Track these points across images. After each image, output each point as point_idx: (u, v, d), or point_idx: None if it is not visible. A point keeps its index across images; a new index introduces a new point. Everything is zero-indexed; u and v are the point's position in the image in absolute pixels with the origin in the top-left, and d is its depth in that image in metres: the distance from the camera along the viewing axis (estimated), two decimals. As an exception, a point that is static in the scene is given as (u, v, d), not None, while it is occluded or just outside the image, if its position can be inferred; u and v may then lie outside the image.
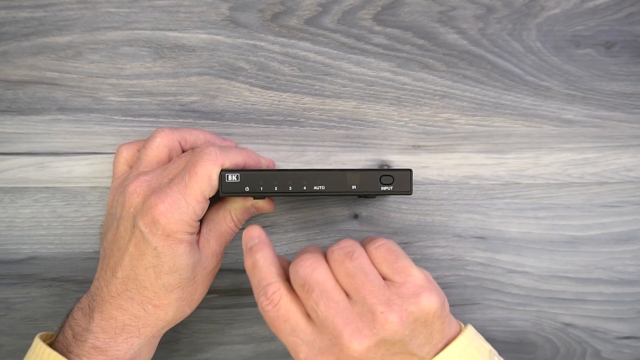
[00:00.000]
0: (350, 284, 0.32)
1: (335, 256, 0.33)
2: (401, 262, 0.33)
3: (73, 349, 0.33)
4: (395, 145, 0.43)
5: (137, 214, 0.33)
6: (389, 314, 0.31)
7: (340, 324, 0.31)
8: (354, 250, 0.33)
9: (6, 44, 0.40)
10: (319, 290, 0.32)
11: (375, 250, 0.33)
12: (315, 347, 0.32)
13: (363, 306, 0.31)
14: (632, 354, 0.45)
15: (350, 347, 0.31)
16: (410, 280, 0.32)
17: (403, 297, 0.32)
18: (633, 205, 0.45)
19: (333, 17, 0.42)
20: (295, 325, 0.32)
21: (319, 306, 0.31)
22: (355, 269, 0.32)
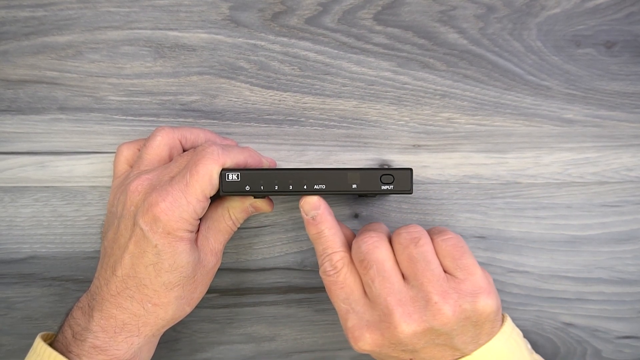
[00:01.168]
0: (410, 269, 0.33)
1: (401, 239, 0.34)
2: (466, 260, 0.34)
3: (73, 348, 0.33)
4: (396, 144, 0.43)
5: (137, 212, 0.33)
6: (443, 305, 0.32)
7: (392, 304, 0.32)
8: (421, 237, 0.34)
9: (6, 44, 0.40)
10: (377, 268, 0.33)
11: (442, 242, 0.34)
12: (364, 318, 0.34)
13: (419, 292, 0.33)
14: (633, 354, 0.45)
15: (398, 327, 0.32)
16: (472, 279, 0.33)
17: (460, 293, 0.33)
18: (633, 205, 0.45)
19: (333, 16, 0.42)
20: (350, 294, 0.34)
21: (374, 283, 0.33)
22: (418, 255, 0.33)
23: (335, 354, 0.44)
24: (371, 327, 0.34)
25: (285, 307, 0.43)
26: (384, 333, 0.33)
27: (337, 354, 0.44)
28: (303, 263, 0.43)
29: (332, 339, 0.44)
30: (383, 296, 0.33)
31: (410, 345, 0.33)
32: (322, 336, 0.44)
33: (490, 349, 0.34)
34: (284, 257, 0.43)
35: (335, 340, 0.44)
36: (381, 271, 0.33)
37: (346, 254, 0.35)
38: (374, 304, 0.33)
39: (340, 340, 0.44)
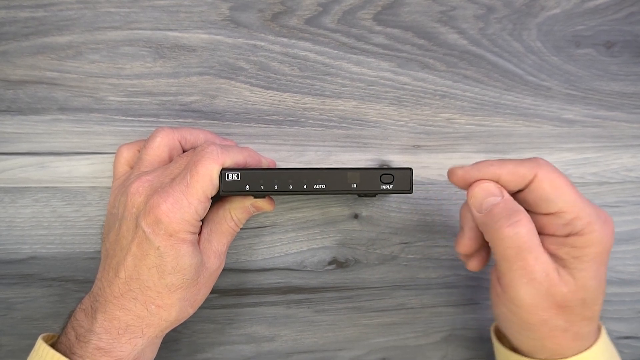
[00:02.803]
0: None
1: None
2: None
3: (76, 350, 0.33)
4: (396, 145, 0.43)
5: (139, 214, 0.33)
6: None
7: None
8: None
9: (6, 44, 0.40)
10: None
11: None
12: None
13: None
14: (632, 354, 0.46)
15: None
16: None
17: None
18: (633, 205, 0.45)
19: (333, 17, 0.42)
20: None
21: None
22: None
23: (335, 354, 0.44)
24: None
25: (285, 308, 0.43)
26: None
27: (337, 354, 0.44)
28: (303, 263, 0.43)
29: (332, 339, 0.44)
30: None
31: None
32: (322, 336, 0.44)
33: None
34: (284, 257, 0.43)
35: (335, 340, 0.44)
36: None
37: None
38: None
39: (340, 341, 0.44)
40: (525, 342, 0.35)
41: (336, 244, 0.43)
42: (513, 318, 0.34)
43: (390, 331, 0.44)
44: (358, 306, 0.44)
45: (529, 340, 0.34)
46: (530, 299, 0.32)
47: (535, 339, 0.34)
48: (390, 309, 0.44)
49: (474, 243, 0.36)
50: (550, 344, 0.34)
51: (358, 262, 0.44)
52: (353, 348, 0.44)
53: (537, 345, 0.34)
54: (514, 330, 0.35)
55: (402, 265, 0.44)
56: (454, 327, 0.45)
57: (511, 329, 0.35)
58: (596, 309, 0.33)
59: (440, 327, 0.45)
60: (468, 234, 0.36)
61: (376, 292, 0.44)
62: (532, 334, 0.34)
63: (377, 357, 0.44)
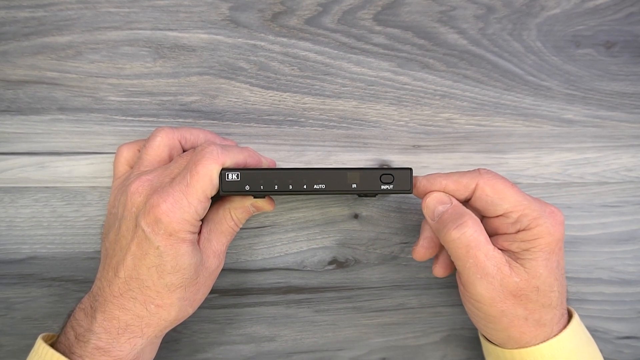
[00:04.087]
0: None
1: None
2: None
3: (75, 349, 0.33)
4: (396, 145, 0.43)
5: (139, 214, 0.33)
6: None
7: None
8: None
9: (6, 44, 0.40)
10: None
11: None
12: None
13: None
14: (632, 354, 0.45)
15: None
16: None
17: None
18: (633, 205, 0.45)
19: (333, 17, 0.42)
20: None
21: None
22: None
23: (335, 354, 0.44)
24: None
25: (285, 308, 0.43)
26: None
27: (337, 354, 0.44)
28: (303, 263, 0.43)
29: (332, 339, 0.44)
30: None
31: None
32: (322, 336, 0.44)
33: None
34: (284, 257, 0.43)
35: (335, 340, 0.44)
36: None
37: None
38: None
39: (340, 341, 0.44)
40: (493, 334, 0.37)
41: (336, 244, 0.43)
42: (477, 312, 0.36)
43: (390, 331, 0.44)
44: (358, 306, 0.44)
45: (495, 331, 0.36)
46: (487, 292, 0.34)
47: (500, 330, 0.36)
48: (390, 309, 0.44)
49: (427, 251, 0.39)
50: (514, 333, 0.35)
51: (358, 262, 0.44)
52: (353, 348, 0.44)
53: (504, 336, 0.36)
54: (482, 324, 0.37)
55: (402, 265, 0.44)
56: (453, 327, 0.45)
57: (479, 322, 0.37)
58: (552, 295, 0.35)
59: (440, 327, 0.45)
60: (422, 242, 0.39)
61: (376, 292, 0.44)
62: (496, 325, 0.35)
63: (377, 357, 0.44)
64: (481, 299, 0.35)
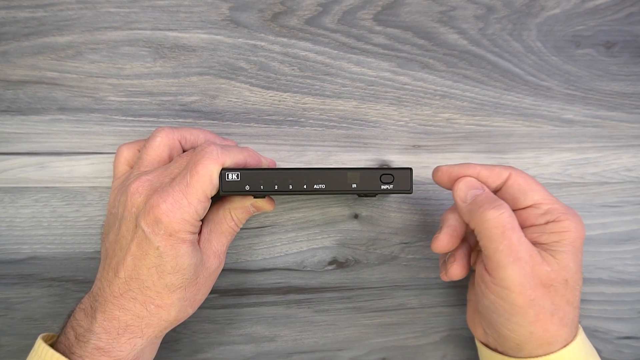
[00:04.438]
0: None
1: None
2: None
3: (75, 349, 0.33)
4: (396, 145, 0.43)
5: (139, 214, 0.33)
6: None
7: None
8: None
9: (6, 44, 0.40)
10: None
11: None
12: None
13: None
14: (632, 354, 0.45)
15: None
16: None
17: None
18: (633, 205, 0.45)
19: (333, 17, 0.42)
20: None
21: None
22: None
23: (335, 354, 0.44)
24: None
25: (285, 308, 0.43)
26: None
27: (337, 354, 0.44)
28: (303, 264, 0.43)
29: (332, 339, 0.44)
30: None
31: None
32: (322, 336, 0.44)
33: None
34: (284, 257, 0.43)
35: (335, 340, 0.44)
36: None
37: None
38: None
39: (340, 341, 0.44)
40: (514, 331, 0.35)
41: (336, 244, 0.43)
42: (502, 304, 0.34)
43: (390, 331, 0.44)
44: (358, 306, 0.44)
45: (518, 327, 0.34)
46: (518, 277, 0.33)
47: (523, 325, 0.34)
48: (390, 309, 0.44)
49: (450, 239, 0.37)
50: (538, 330, 0.34)
51: (358, 262, 0.44)
52: (353, 348, 0.44)
53: (526, 332, 0.34)
54: (504, 319, 0.35)
55: (402, 265, 0.44)
56: (453, 327, 0.45)
57: (500, 318, 0.35)
58: (577, 294, 0.35)
59: (440, 327, 0.45)
60: (445, 230, 0.38)
61: (376, 292, 0.44)
62: (520, 318, 0.34)
63: (377, 357, 0.44)
64: (511, 284, 0.33)
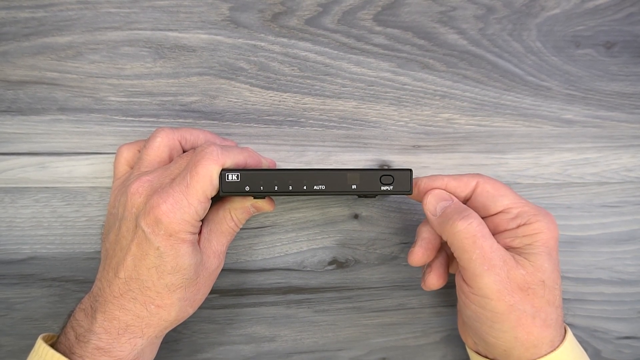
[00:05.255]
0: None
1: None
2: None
3: (76, 350, 0.33)
4: (396, 145, 0.43)
5: (139, 214, 0.33)
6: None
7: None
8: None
9: (6, 44, 0.40)
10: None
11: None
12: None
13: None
14: (632, 354, 0.46)
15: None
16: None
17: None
18: (633, 205, 0.45)
19: (333, 17, 0.42)
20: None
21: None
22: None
23: (335, 354, 0.44)
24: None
25: (285, 308, 0.43)
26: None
27: (337, 354, 0.44)
28: (303, 264, 0.43)
29: (332, 339, 0.44)
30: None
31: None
32: (322, 336, 0.44)
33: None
34: (284, 257, 0.43)
35: (335, 340, 0.44)
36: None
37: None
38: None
39: (340, 341, 0.44)
40: (498, 338, 0.35)
41: (336, 244, 0.43)
42: (483, 312, 0.35)
43: (390, 331, 0.44)
44: (358, 306, 0.44)
45: (501, 333, 0.35)
46: (495, 284, 0.34)
47: (506, 331, 0.34)
48: (390, 309, 0.44)
49: (425, 252, 0.38)
50: (521, 334, 0.34)
51: (358, 262, 0.44)
52: (353, 348, 0.44)
53: (510, 338, 0.35)
54: (486, 327, 0.35)
55: (402, 265, 0.44)
56: (453, 327, 0.45)
57: (483, 326, 0.35)
58: (557, 293, 0.35)
59: (440, 327, 0.45)
60: (419, 243, 0.38)
61: (376, 292, 0.44)
62: (502, 325, 0.34)
63: (377, 357, 0.44)
64: (488, 292, 0.34)
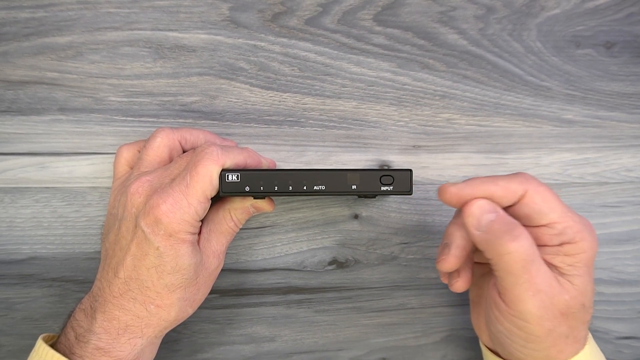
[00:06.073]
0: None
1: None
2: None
3: (76, 350, 0.33)
4: (396, 145, 0.43)
5: (139, 214, 0.33)
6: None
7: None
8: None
9: (6, 44, 0.40)
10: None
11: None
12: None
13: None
14: (632, 354, 0.46)
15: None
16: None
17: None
18: (633, 205, 0.45)
19: (333, 17, 0.42)
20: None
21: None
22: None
23: (335, 354, 0.44)
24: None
25: (285, 308, 0.43)
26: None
27: (337, 354, 0.44)
28: (303, 264, 0.43)
29: (332, 339, 0.44)
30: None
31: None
32: (322, 336, 0.44)
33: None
34: (284, 257, 0.43)
35: (335, 340, 0.44)
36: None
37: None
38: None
39: (340, 341, 0.44)
40: (528, 355, 0.34)
41: (336, 244, 0.43)
42: (518, 332, 0.33)
43: (390, 331, 0.44)
44: (358, 306, 0.44)
45: (533, 352, 0.34)
46: (538, 311, 0.32)
47: (540, 350, 0.33)
48: (390, 309, 0.44)
49: (460, 261, 0.35)
50: (553, 352, 0.33)
51: (358, 262, 0.44)
52: (353, 348, 0.44)
53: (541, 356, 0.34)
54: (519, 345, 0.34)
55: (402, 265, 0.44)
56: (453, 327, 0.45)
57: (514, 344, 0.34)
58: (591, 312, 0.34)
59: (440, 327, 0.45)
60: (454, 251, 0.35)
61: (376, 292, 0.44)
62: (537, 345, 0.33)
63: (377, 357, 0.44)
64: (530, 318, 0.32)
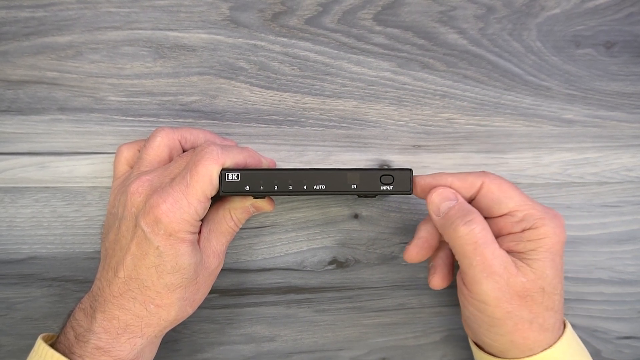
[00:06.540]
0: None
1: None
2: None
3: (75, 349, 0.33)
4: (396, 145, 0.43)
5: (139, 214, 0.33)
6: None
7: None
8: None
9: (6, 44, 0.40)
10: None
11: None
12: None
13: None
14: (632, 354, 0.45)
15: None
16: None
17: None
18: (633, 205, 0.45)
19: (333, 17, 0.42)
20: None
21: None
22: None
23: (335, 354, 0.44)
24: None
25: (285, 308, 0.43)
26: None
27: (337, 354, 0.44)
28: (303, 263, 0.43)
29: (332, 339, 0.44)
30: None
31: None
32: (322, 336, 0.44)
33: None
34: (284, 257, 0.43)
35: (335, 340, 0.44)
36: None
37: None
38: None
39: (340, 341, 0.44)
40: (495, 340, 0.36)
41: (336, 244, 0.43)
42: (481, 316, 0.35)
43: (390, 331, 0.44)
44: (358, 306, 0.44)
45: (498, 337, 0.35)
46: (493, 291, 0.34)
47: (503, 334, 0.35)
48: (390, 309, 0.44)
49: (420, 251, 0.38)
50: (517, 338, 0.35)
51: (358, 262, 0.44)
52: (353, 348, 0.44)
53: (506, 341, 0.35)
54: (484, 329, 0.36)
55: (402, 265, 0.44)
56: (453, 327, 0.45)
57: (480, 328, 0.36)
58: (556, 298, 0.35)
59: (440, 327, 0.45)
60: (415, 241, 0.38)
61: (376, 292, 0.44)
62: (499, 329, 0.35)
63: (377, 357, 0.44)
64: (487, 298, 0.34)
